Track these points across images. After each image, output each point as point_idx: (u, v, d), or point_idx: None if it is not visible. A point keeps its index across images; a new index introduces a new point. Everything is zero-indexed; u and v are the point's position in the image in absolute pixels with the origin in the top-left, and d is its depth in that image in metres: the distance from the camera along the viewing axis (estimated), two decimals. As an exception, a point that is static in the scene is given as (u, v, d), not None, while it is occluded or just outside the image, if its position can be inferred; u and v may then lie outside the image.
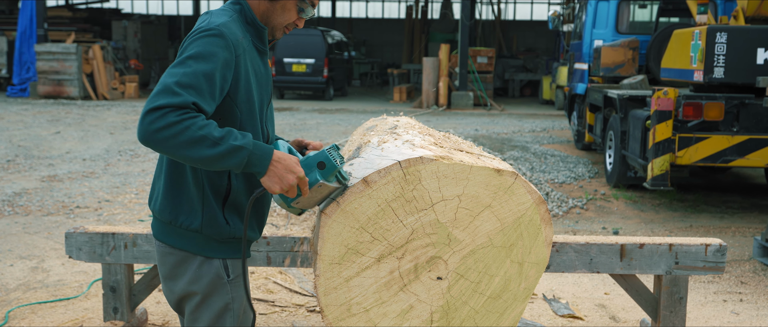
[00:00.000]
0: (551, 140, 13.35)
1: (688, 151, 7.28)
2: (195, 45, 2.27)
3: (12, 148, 11.25)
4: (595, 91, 10.17)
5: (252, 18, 2.47)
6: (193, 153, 2.16)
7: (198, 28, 2.32)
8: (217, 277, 2.45)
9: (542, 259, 2.77)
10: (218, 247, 2.44)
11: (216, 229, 2.42)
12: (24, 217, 7.07)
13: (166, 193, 2.44)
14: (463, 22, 19.94)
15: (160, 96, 2.15)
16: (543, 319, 4.57)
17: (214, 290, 2.45)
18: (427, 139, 2.97)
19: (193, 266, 2.44)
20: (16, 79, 21.02)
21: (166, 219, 2.44)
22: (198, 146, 2.15)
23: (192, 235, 2.42)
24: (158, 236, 2.49)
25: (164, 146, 2.15)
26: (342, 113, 18.08)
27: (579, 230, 7.11)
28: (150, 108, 2.12)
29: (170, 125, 2.12)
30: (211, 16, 2.40)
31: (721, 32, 7.28)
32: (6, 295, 4.88)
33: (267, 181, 2.30)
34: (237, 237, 2.46)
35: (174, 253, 2.46)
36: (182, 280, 2.46)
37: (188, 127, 2.13)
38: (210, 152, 2.17)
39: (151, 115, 2.12)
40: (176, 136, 2.13)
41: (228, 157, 2.20)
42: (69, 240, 3.87)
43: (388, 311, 2.64)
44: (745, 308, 4.98)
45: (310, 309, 4.57)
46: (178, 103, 2.14)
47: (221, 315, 2.47)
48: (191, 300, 2.47)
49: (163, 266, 2.50)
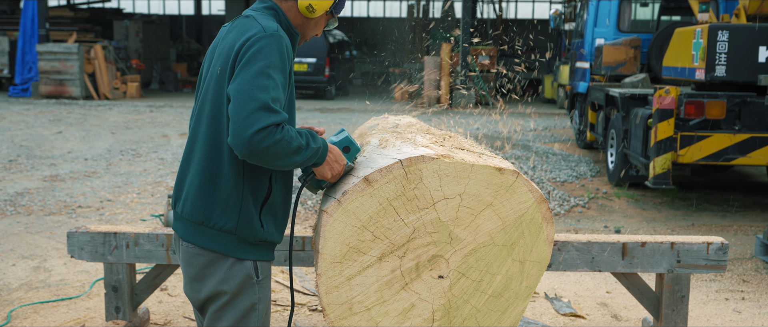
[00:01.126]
0: (553, 139, 13.35)
1: (689, 150, 7.27)
2: (268, 52, 2.35)
3: (14, 147, 11.26)
4: (596, 89, 10.16)
5: (287, 24, 2.55)
6: (288, 161, 2.36)
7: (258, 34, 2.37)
8: (248, 277, 2.48)
9: (544, 257, 2.77)
10: (250, 248, 2.47)
11: (251, 231, 2.45)
12: (26, 217, 7.08)
13: (199, 193, 2.44)
14: (464, 20, 19.94)
15: (263, 114, 2.27)
16: (545, 317, 4.57)
17: (242, 290, 2.47)
18: (429, 137, 2.97)
19: (225, 267, 2.46)
20: (18, 79, 21.03)
21: (198, 219, 2.45)
22: (294, 155, 2.35)
23: (225, 236, 2.44)
24: (186, 237, 2.49)
25: (267, 160, 2.32)
26: (343, 112, 18.09)
27: (581, 229, 7.10)
28: (259, 128, 2.25)
29: (276, 143, 2.28)
30: (259, 20, 2.45)
31: (723, 30, 7.27)
32: (8, 294, 4.88)
33: (322, 170, 2.55)
34: (268, 240, 2.49)
35: (204, 254, 2.47)
36: (212, 281, 2.47)
37: (288, 141, 2.31)
38: (300, 158, 2.38)
39: (260, 135, 2.25)
40: (280, 151, 2.30)
41: (310, 159, 2.44)
42: (71, 239, 3.87)
43: (389, 310, 2.64)
44: (747, 307, 4.98)
45: (311, 308, 4.57)
46: (279, 121, 2.29)
47: (246, 314, 2.49)
48: (218, 299, 2.48)
49: (190, 267, 2.50)
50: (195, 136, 2.50)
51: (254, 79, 2.31)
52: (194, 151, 2.49)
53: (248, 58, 2.33)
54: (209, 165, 2.44)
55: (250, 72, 2.31)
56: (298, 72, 21.97)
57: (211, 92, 2.45)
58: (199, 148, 2.47)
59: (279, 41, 2.38)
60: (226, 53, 2.42)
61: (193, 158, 2.49)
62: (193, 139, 2.51)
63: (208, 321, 2.53)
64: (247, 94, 2.28)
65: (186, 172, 2.52)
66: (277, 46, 2.37)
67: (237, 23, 2.51)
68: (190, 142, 2.52)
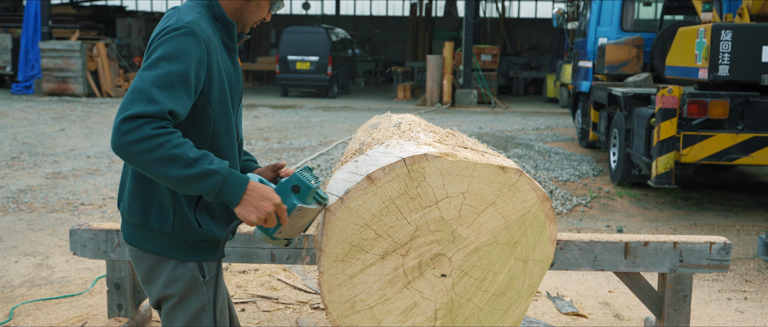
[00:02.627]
0: (555, 138, 13.34)
1: (692, 149, 7.26)
2: (166, 45, 2.17)
3: (17, 145, 11.27)
4: (599, 88, 10.16)
5: (221, 14, 2.38)
6: (164, 171, 2.08)
7: (167, 27, 2.22)
8: (193, 279, 2.39)
9: (546, 256, 2.77)
10: (191, 250, 2.39)
11: (188, 232, 2.35)
12: (28, 214, 7.09)
13: (134, 194, 2.37)
14: (467, 19, 19.93)
15: (136, 103, 2.06)
16: (547, 316, 4.57)
17: (190, 292, 2.40)
18: (432, 136, 2.97)
19: (167, 269, 2.38)
20: (20, 76, 21.07)
21: (136, 222, 2.37)
22: (171, 165, 2.07)
23: (164, 238, 2.36)
24: (129, 240, 2.42)
25: (136, 160, 2.08)
26: (346, 111, 18.09)
27: (583, 228, 7.10)
28: (125, 116, 2.04)
29: (145, 138, 2.04)
30: (179, 12, 2.30)
31: (726, 30, 7.26)
32: (10, 291, 4.89)
33: (242, 211, 2.20)
34: (210, 239, 2.39)
35: (147, 256, 2.40)
36: (158, 284, 2.40)
37: (163, 143, 2.05)
38: (182, 173, 2.09)
39: (126, 124, 2.04)
40: (150, 152, 2.05)
41: (200, 181, 2.12)
42: (73, 237, 3.87)
43: (392, 308, 2.64)
44: (749, 306, 4.97)
45: (314, 306, 4.57)
46: (155, 113, 2.06)
47: (197, 316, 2.42)
48: (167, 302, 2.42)
49: (138, 270, 2.45)
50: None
51: (144, 71, 2.14)
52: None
53: (150, 52, 2.20)
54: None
55: (146, 65, 2.17)
56: (301, 70, 21.98)
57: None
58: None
59: (188, 34, 2.19)
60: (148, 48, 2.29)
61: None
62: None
63: (163, 322, 2.47)
64: (132, 86, 2.12)
65: (126, 174, 2.44)
66: (184, 39, 2.17)
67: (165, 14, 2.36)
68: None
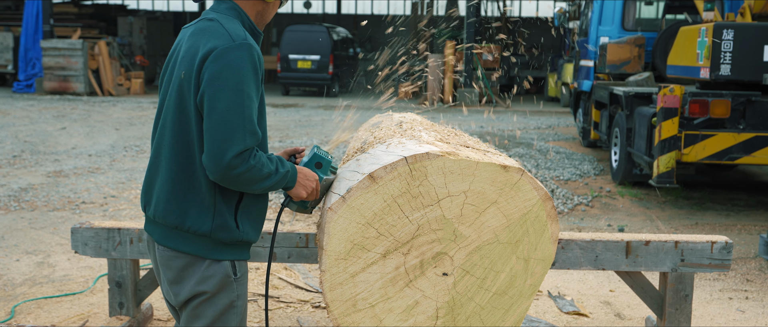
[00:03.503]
0: (556, 137, 13.33)
1: (694, 149, 7.26)
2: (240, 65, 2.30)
3: (18, 143, 11.28)
4: (600, 88, 10.15)
5: (250, 25, 2.50)
6: (257, 186, 2.38)
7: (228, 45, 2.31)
8: (226, 276, 2.46)
9: (548, 255, 2.77)
10: (226, 249, 2.46)
11: (226, 233, 2.43)
12: (30, 213, 7.09)
13: (171, 197, 2.42)
14: (468, 18, 19.92)
15: (239, 137, 2.28)
16: (548, 315, 4.57)
17: (222, 289, 2.46)
18: (433, 135, 2.97)
19: (201, 268, 2.44)
20: (20, 75, 21.08)
21: (172, 223, 2.42)
22: (263, 181, 2.38)
23: (200, 239, 2.42)
24: (163, 241, 2.47)
25: (240, 185, 2.35)
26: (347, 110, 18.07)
27: (584, 227, 7.10)
28: (235, 154, 2.27)
29: (250, 169, 2.32)
30: (224, 25, 2.38)
31: (728, 29, 7.25)
32: (12, 289, 4.89)
33: (296, 191, 2.56)
34: (244, 240, 2.48)
35: (180, 257, 2.45)
36: (190, 282, 2.45)
37: (260, 168, 2.35)
38: (269, 183, 2.40)
39: (237, 160, 2.27)
40: (252, 177, 2.34)
41: (278, 183, 2.45)
42: (75, 235, 3.87)
43: (393, 307, 2.64)
44: (750, 306, 4.97)
45: (315, 305, 4.57)
46: (253, 143, 2.32)
47: (225, 312, 2.48)
48: (197, 298, 2.46)
49: (168, 270, 2.48)
50: (161, 140, 2.46)
51: (228, 97, 2.27)
52: (161, 156, 2.45)
53: (219, 71, 2.28)
54: (180, 170, 2.40)
55: (223, 88, 2.27)
56: (302, 69, 21.97)
57: (175, 96, 2.40)
58: (166, 152, 2.43)
59: (250, 51, 2.33)
60: (191, 57, 2.36)
61: (160, 163, 2.46)
62: (160, 143, 2.47)
63: (186, 319, 2.50)
64: (223, 116, 2.27)
65: (155, 176, 2.48)
66: (249, 57, 2.32)
67: (201, 26, 2.44)
68: (156, 147, 2.48)
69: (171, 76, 2.46)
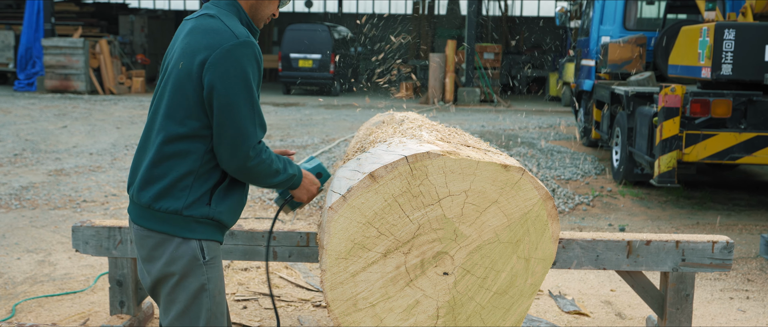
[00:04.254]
0: (558, 137, 13.33)
1: (695, 148, 7.25)
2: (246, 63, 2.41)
3: (19, 142, 11.28)
4: (602, 87, 10.14)
5: (248, 21, 2.58)
6: (268, 181, 2.56)
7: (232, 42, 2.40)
8: (194, 258, 2.51)
9: (549, 255, 2.77)
10: (196, 226, 2.50)
11: (196, 209, 2.48)
12: (31, 211, 7.09)
13: (149, 178, 2.49)
14: (470, 17, 19.91)
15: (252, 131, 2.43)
16: (549, 315, 4.57)
17: (190, 271, 2.50)
18: (434, 134, 2.97)
19: (171, 247, 2.50)
20: (21, 74, 21.09)
21: (146, 203, 2.49)
22: (272, 176, 2.55)
23: (171, 217, 2.48)
24: (137, 220, 2.55)
25: (255, 177, 2.52)
26: (348, 109, 18.08)
27: (585, 227, 7.10)
28: (251, 145, 2.43)
29: (263, 161, 2.49)
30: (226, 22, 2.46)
31: (730, 29, 7.25)
32: (13, 288, 4.89)
33: (298, 193, 2.76)
34: (214, 219, 2.52)
35: (152, 235, 2.52)
36: (160, 262, 2.51)
37: (271, 162, 2.53)
38: (277, 180, 2.58)
39: (253, 151, 2.44)
40: (265, 169, 2.51)
41: (285, 183, 2.62)
42: (76, 234, 3.87)
43: (394, 306, 2.64)
44: (751, 306, 4.97)
45: (315, 304, 4.57)
46: (262, 137, 2.49)
47: (197, 296, 2.52)
48: (167, 282, 2.52)
49: (142, 249, 2.56)
50: (152, 125, 2.54)
51: (241, 93, 2.40)
52: (150, 140, 2.53)
53: (228, 68, 2.38)
54: (162, 153, 2.47)
55: (236, 85, 2.39)
56: (303, 68, 21.98)
57: (170, 86, 2.47)
58: (154, 137, 2.51)
59: (253, 49, 2.43)
60: (192, 51, 2.43)
61: (148, 147, 2.53)
62: (150, 128, 2.55)
63: (163, 305, 2.57)
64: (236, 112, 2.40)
65: (141, 159, 2.56)
66: (253, 55, 2.43)
67: (202, 22, 2.51)
68: (146, 131, 2.57)
69: (169, 67, 2.53)
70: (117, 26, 25.44)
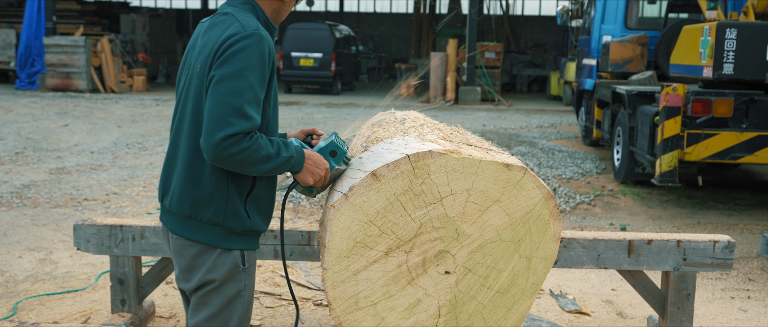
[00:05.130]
0: (559, 136, 13.33)
1: (696, 148, 7.25)
2: (247, 53, 2.37)
3: (20, 140, 11.29)
4: (603, 86, 10.14)
5: (265, 19, 2.58)
6: (256, 169, 2.41)
7: (237, 33, 2.39)
8: (235, 265, 2.53)
9: (550, 254, 2.77)
10: (237, 238, 2.53)
11: (238, 222, 2.50)
12: (32, 209, 7.10)
13: (186, 188, 2.50)
14: (471, 16, 19.90)
15: (234, 120, 2.32)
16: (550, 314, 4.57)
17: (230, 278, 2.53)
18: (436, 133, 2.97)
19: (213, 257, 2.52)
20: (21, 73, 21.10)
21: (186, 213, 2.50)
22: (261, 163, 2.40)
23: (212, 229, 2.50)
24: (176, 231, 2.55)
25: (234, 166, 2.38)
26: (350, 107, 18.08)
27: (586, 226, 7.09)
28: (226, 135, 2.31)
29: (242, 150, 2.34)
30: (238, 18, 2.47)
31: (731, 28, 7.24)
32: (14, 286, 4.90)
33: (302, 177, 2.60)
34: (254, 230, 2.55)
35: (194, 245, 2.53)
36: (201, 270, 2.53)
37: (256, 150, 2.36)
38: (268, 166, 2.42)
39: (227, 141, 2.31)
40: (246, 158, 2.36)
41: (280, 167, 2.47)
42: (77, 232, 3.88)
43: (395, 305, 2.64)
44: (752, 305, 4.97)
45: (317, 302, 4.57)
46: (249, 128, 2.34)
47: (232, 301, 2.55)
48: (206, 286, 2.54)
49: (181, 258, 2.56)
50: (179, 132, 2.54)
51: (229, 81, 2.35)
52: (179, 148, 2.54)
53: (226, 57, 2.37)
54: (194, 161, 2.48)
55: (227, 74, 2.35)
56: (305, 67, 21.97)
57: (193, 89, 2.48)
58: (183, 144, 2.51)
59: (260, 41, 2.40)
60: (208, 51, 2.44)
61: (178, 154, 2.53)
62: (177, 135, 2.55)
63: (194, 305, 2.58)
64: (221, 98, 2.33)
65: (172, 168, 2.56)
66: (258, 46, 2.39)
67: (216, 20, 2.54)
68: (174, 139, 2.57)
69: (188, 70, 2.55)
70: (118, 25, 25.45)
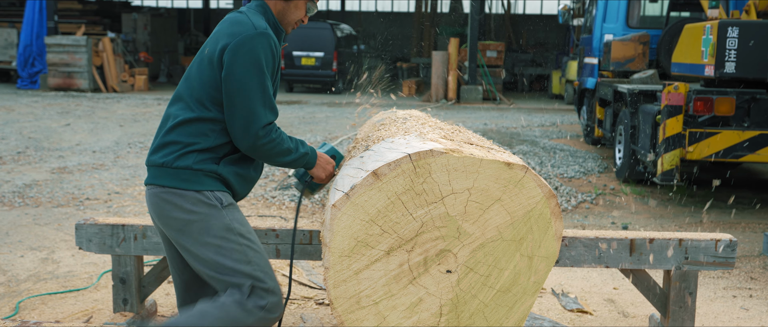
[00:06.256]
0: (560, 135, 13.32)
1: (698, 147, 7.24)
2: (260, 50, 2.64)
3: (22, 139, 11.30)
4: (605, 85, 10.13)
5: (274, 21, 2.84)
6: (280, 160, 2.74)
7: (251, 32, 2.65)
8: (210, 204, 2.66)
9: (552, 253, 2.77)
10: (205, 179, 2.67)
11: (205, 164, 2.67)
12: (34, 209, 7.10)
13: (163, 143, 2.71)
14: (472, 15, 19.89)
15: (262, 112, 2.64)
16: (551, 313, 4.56)
17: (210, 215, 2.65)
18: (438, 132, 2.97)
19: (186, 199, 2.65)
20: (22, 72, 21.11)
21: (158, 162, 2.68)
22: (284, 155, 2.74)
23: (181, 172, 2.65)
24: (150, 181, 2.71)
25: (264, 155, 2.70)
26: (351, 106, 18.07)
27: (588, 225, 7.09)
28: (264, 125, 2.63)
29: (273, 141, 2.67)
30: (249, 17, 2.71)
31: (733, 27, 7.23)
32: (16, 285, 4.90)
33: (316, 172, 2.94)
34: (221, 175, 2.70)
35: (166, 191, 2.67)
36: (179, 212, 2.65)
37: (282, 141, 2.71)
38: (289, 158, 2.76)
39: (263, 131, 2.63)
40: (275, 148, 2.69)
41: (298, 161, 2.82)
42: (79, 231, 3.88)
43: (397, 304, 2.64)
44: (754, 304, 4.96)
45: (318, 301, 4.57)
46: (273, 119, 2.68)
47: (225, 235, 2.65)
48: (191, 226, 2.64)
49: (156, 207, 2.70)
50: (174, 101, 2.79)
51: (253, 78, 2.62)
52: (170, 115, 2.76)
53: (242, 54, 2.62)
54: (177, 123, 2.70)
55: (248, 71, 2.61)
56: (306, 66, 21.97)
57: (195, 67, 2.76)
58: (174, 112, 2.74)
59: (268, 40, 2.66)
60: (216, 38, 2.71)
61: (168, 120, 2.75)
62: (172, 104, 2.79)
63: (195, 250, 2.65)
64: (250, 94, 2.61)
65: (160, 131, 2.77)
66: (266, 44, 2.65)
67: (232, 16, 2.79)
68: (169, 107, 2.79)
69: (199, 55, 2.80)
70: (120, 24, 25.46)
